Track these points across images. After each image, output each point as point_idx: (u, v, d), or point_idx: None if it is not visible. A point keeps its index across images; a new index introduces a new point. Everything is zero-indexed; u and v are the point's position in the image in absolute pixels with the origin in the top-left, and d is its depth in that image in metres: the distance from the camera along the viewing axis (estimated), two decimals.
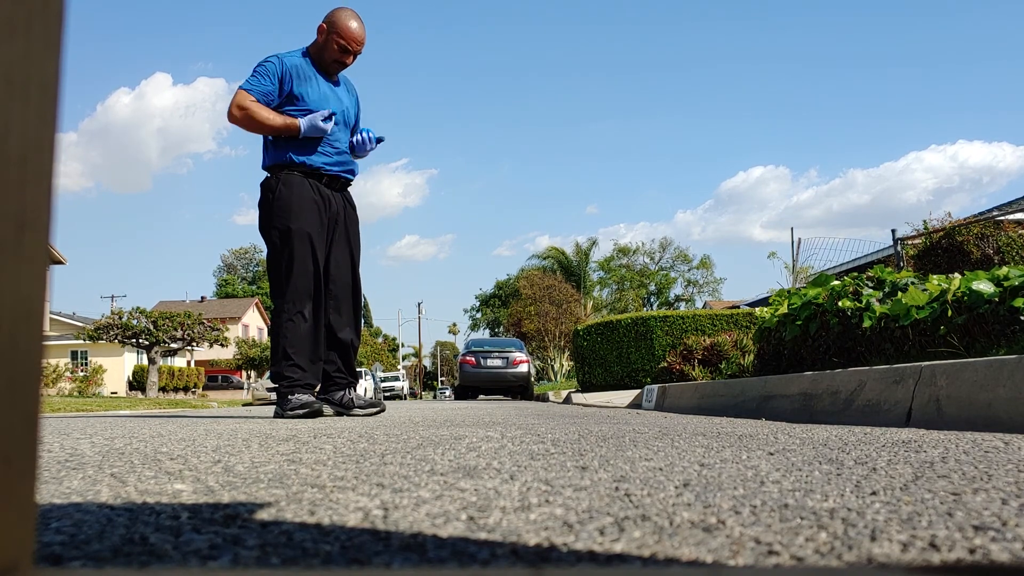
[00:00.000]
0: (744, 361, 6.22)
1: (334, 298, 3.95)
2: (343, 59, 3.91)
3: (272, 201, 3.77)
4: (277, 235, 3.76)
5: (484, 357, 16.76)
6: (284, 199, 3.75)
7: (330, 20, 3.90)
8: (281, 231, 3.75)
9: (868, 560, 0.63)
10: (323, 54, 3.89)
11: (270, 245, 3.81)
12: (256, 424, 3.21)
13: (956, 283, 3.46)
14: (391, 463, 1.39)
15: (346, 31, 3.86)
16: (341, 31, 3.86)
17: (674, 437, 2.09)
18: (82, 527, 0.78)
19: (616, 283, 44.06)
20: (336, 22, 3.88)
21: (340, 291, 3.97)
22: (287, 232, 3.73)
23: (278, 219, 3.75)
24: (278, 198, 3.76)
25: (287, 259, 3.74)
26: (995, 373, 2.33)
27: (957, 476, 1.13)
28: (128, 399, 16.44)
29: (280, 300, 3.76)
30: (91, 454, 1.62)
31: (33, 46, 0.46)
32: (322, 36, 3.89)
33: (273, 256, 3.80)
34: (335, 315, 3.95)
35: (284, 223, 3.74)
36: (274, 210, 3.76)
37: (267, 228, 3.79)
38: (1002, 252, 8.39)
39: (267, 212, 3.80)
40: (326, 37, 3.88)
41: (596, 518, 0.82)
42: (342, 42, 3.86)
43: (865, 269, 5.68)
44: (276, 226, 3.76)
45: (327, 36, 3.88)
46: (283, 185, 3.77)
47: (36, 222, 0.46)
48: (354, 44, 3.90)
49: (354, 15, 3.93)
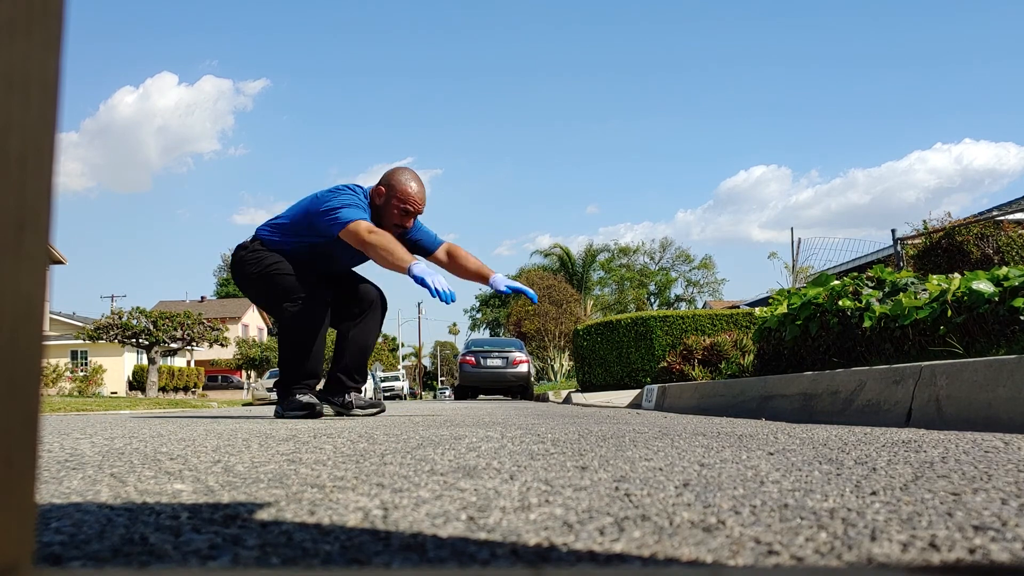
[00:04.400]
0: (744, 361, 6.22)
1: (357, 302, 3.95)
2: (403, 222, 3.78)
3: (261, 249, 3.79)
4: (273, 267, 3.73)
5: (484, 357, 16.77)
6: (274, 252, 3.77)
7: (388, 183, 3.77)
8: (276, 261, 3.74)
9: (868, 560, 0.63)
10: (382, 217, 3.74)
11: (267, 278, 3.74)
12: (256, 424, 3.21)
13: (956, 283, 3.46)
14: (391, 463, 1.39)
15: (407, 196, 3.73)
16: (402, 195, 3.73)
17: (674, 437, 2.09)
18: (82, 527, 0.78)
19: (616, 283, 44.08)
20: (395, 186, 3.75)
21: (360, 295, 3.98)
22: (279, 262, 3.73)
23: (268, 258, 3.75)
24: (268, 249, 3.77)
25: (284, 274, 3.72)
26: (995, 373, 2.33)
27: (957, 476, 1.13)
28: (128, 399, 16.44)
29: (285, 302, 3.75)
30: (91, 454, 1.62)
31: (33, 46, 0.46)
32: (380, 199, 3.75)
33: (271, 281, 3.75)
34: (354, 320, 3.95)
35: (274, 259, 3.74)
36: (262, 256, 3.76)
37: (260, 270, 3.74)
38: (1002, 252, 8.39)
39: (256, 259, 3.77)
40: (385, 200, 3.74)
41: (596, 518, 0.82)
42: (403, 206, 3.73)
43: (865, 269, 5.69)
44: (270, 262, 3.74)
45: (386, 199, 3.74)
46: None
47: (36, 222, 0.46)
48: (415, 206, 3.77)
49: (413, 175, 3.81)
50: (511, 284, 3.76)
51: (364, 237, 3.48)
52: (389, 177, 3.78)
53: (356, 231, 3.51)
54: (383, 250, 3.44)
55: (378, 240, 3.47)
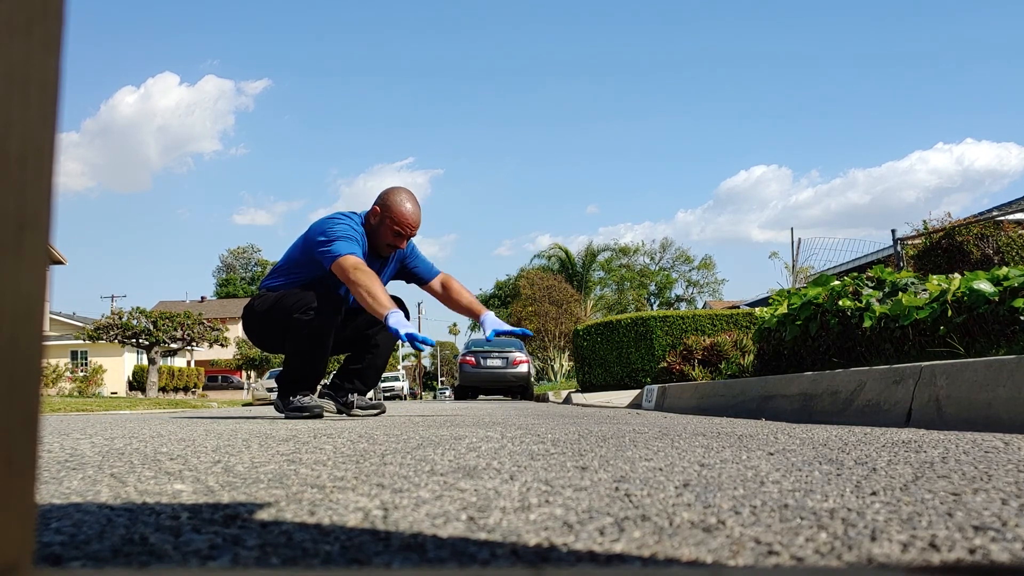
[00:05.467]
0: (744, 361, 6.22)
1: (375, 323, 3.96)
2: (396, 243, 3.80)
3: (267, 294, 3.81)
4: (278, 297, 3.75)
5: (484, 357, 16.78)
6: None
7: (384, 203, 3.78)
8: (283, 295, 3.76)
9: (868, 560, 0.63)
10: (376, 237, 3.78)
11: (274, 303, 3.75)
12: (256, 424, 3.21)
13: (956, 283, 3.46)
14: (391, 463, 1.39)
15: (400, 217, 3.74)
16: (396, 216, 3.74)
17: (674, 437, 2.09)
18: (82, 527, 0.78)
19: (616, 283, 44.07)
20: (391, 207, 3.75)
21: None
22: (285, 294, 3.76)
23: (274, 295, 3.78)
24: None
25: (291, 294, 3.74)
26: (995, 373, 2.33)
27: (957, 476, 1.13)
28: (128, 399, 16.44)
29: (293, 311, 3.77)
30: (91, 454, 1.62)
31: (33, 46, 0.46)
32: (376, 218, 3.77)
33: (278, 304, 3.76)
34: (370, 342, 3.99)
35: (280, 292, 3.78)
36: (267, 296, 3.78)
37: (268, 305, 3.76)
38: (1002, 252, 8.40)
39: (262, 300, 3.79)
40: (380, 220, 3.76)
41: (596, 518, 0.82)
42: (396, 227, 3.75)
43: (865, 269, 5.69)
44: (276, 295, 3.77)
45: (381, 219, 3.76)
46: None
47: (36, 222, 0.46)
48: (408, 229, 3.78)
49: (409, 196, 3.81)
50: (499, 328, 3.80)
51: (349, 274, 3.51)
52: (385, 198, 3.79)
53: (343, 267, 3.54)
54: (365, 291, 3.46)
55: (362, 280, 3.48)
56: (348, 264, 3.53)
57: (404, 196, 3.79)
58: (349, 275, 3.51)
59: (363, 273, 3.51)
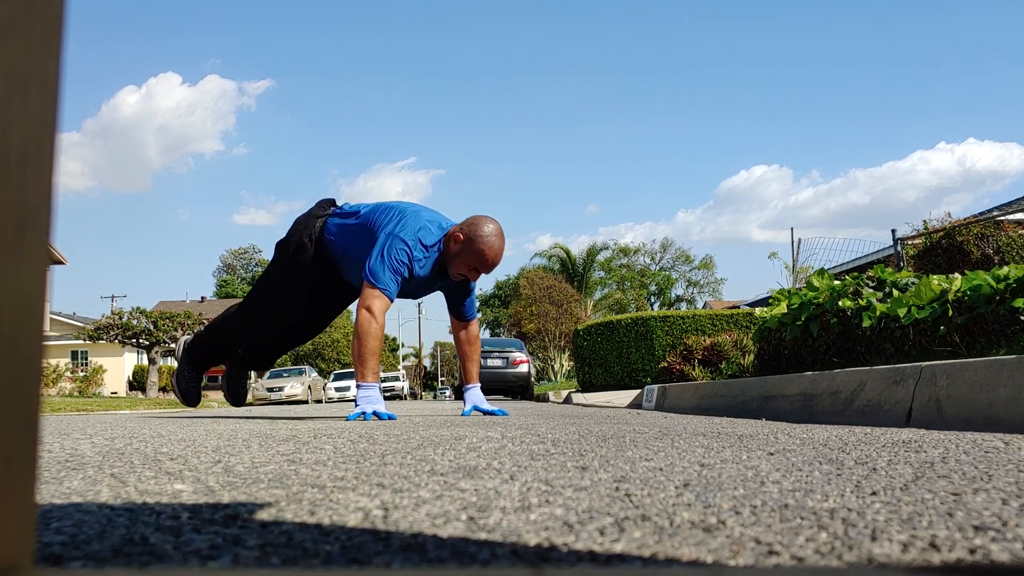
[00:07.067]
0: (744, 361, 6.22)
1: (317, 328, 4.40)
2: (469, 276, 3.60)
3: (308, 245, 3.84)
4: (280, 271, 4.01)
5: (484, 357, 16.77)
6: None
7: (470, 235, 3.48)
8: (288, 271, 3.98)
9: (868, 560, 0.63)
10: (451, 264, 3.54)
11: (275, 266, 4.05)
12: (256, 424, 3.21)
13: (956, 283, 3.46)
14: (391, 463, 1.39)
15: (482, 256, 3.47)
16: (478, 254, 3.47)
17: (674, 437, 2.09)
18: (82, 527, 0.78)
19: (616, 283, 44.07)
20: (475, 242, 3.46)
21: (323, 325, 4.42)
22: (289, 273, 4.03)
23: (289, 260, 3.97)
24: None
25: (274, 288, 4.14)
26: (995, 373, 2.33)
27: (957, 476, 1.13)
28: (128, 399, 16.44)
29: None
30: (91, 454, 1.62)
31: (33, 46, 0.46)
32: (456, 246, 3.49)
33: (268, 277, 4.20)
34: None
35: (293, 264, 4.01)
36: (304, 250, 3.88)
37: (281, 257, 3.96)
38: (1002, 252, 8.39)
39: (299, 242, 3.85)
40: (460, 250, 3.49)
41: (596, 518, 0.82)
42: (476, 265, 3.51)
43: (865, 269, 5.68)
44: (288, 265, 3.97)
45: (462, 249, 3.49)
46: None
47: (36, 222, 0.46)
48: (487, 270, 3.54)
49: (497, 233, 3.51)
50: (478, 406, 3.91)
51: (362, 314, 3.36)
52: (473, 230, 3.51)
53: (367, 299, 3.38)
54: (364, 344, 3.32)
55: (371, 330, 3.34)
56: (374, 302, 3.36)
57: (494, 235, 3.51)
58: (362, 314, 3.37)
59: (375, 323, 3.35)
